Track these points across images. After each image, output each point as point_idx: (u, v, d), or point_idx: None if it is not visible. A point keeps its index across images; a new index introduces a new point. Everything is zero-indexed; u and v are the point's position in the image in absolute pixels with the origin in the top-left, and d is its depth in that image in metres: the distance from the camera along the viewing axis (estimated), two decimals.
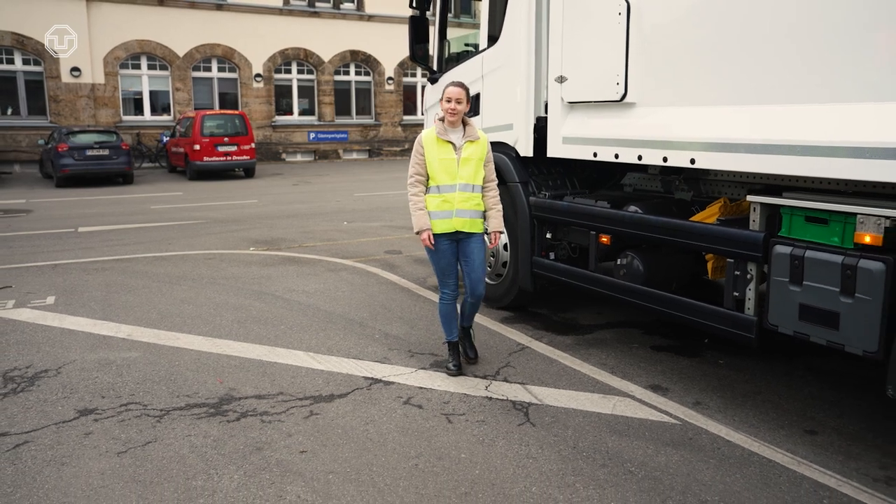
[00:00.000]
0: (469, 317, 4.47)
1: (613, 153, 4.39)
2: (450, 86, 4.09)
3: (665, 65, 4.02)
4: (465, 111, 4.11)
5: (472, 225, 4.17)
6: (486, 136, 4.25)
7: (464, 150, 4.08)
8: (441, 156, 4.07)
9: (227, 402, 3.88)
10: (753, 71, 3.50)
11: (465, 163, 4.08)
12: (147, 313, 5.65)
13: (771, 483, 2.99)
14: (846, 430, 3.53)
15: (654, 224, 4.19)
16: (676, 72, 3.96)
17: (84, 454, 3.28)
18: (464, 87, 4.11)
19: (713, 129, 3.73)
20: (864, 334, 3.08)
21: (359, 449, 3.32)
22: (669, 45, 3.98)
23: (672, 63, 3.97)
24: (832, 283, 3.18)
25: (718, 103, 3.73)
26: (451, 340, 4.40)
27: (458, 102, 4.04)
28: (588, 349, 4.77)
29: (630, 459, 3.21)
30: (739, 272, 3.70)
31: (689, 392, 4.02)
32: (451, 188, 4.07)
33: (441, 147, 4.08)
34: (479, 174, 4.17)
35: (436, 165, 4.07)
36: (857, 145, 3.03)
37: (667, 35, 3.99)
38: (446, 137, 4.07)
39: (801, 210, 3.41)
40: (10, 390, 4.06)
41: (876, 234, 3.06)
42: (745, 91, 3.57)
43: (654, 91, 4.11)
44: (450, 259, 4.23)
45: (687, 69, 3.89)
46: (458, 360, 4.36)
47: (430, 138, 4.11)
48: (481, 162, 4.16)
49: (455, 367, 4.31)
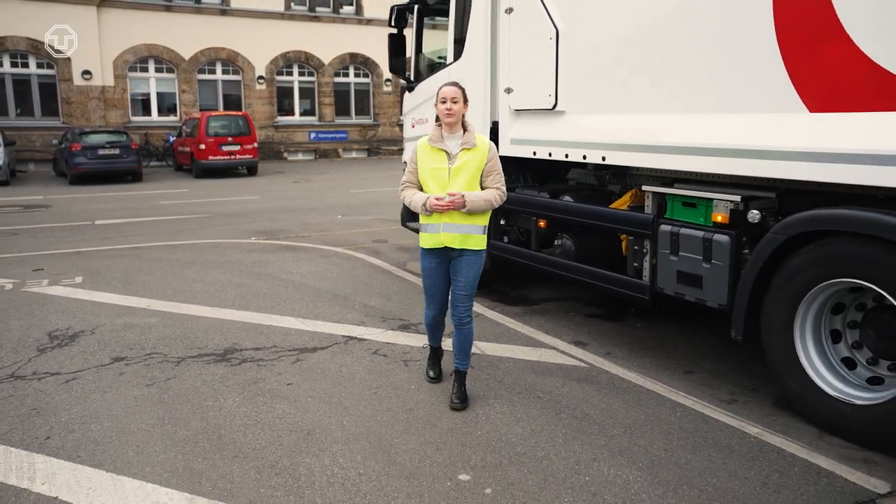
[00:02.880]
0: (460, 352, 3.94)
1: (548, 152, 5.33)
2: (444, 86, 3.75)
3: (584, 80, 4.96)
4: (464, 112, 3.74)
5: (463, 241, 3.74)
6: (488, 143, 3.80)
7: (458, 159, 3.68)
8: (432, 165, 3.72)
9: (231, 352, 4.84)
10: (648, 88, 4.44)
11: (458, 172, 3.67)
12: (162, 290, 6.61)
13: (642, 404, 3.93)
14: (717, 371, 4.46)
15: (578, 210, 5.15)
16: (593, 86, 4.90)
17: (120, 386, 4.24)
18: (459, 85, 3.75)
19: (618, 134, 4.67)
20: (718, 291, 4.03)
21: (332, 382, 4.27)
22: (587, 65, 4.92)
23: (589, 79, 4.91)
24: (697, 253, 4.12)
25: (622, 112, 4.67)
26: (432, 345, 4.23)
27: (454, 102, 3.67)
28: (532, 316, 5.72)
29: (541, 389, 4.15)
30: (637, 247, 4.65)
31: (603, 346, 4.96)
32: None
33: (433, 156, 3.73)
34: (474, 185, 3.71)
35: (426, 175, 3.74)
36: (714, 146, 3.97)
37: (586, 56, 4.92)
38: (440, 145, 3.71)
39: (679, 197, 4.35)
40: (56, 345, 5.03)
41: (725, 214, 4.00)
42: (643, 103, 4.51)
43: (577, 101, 5.05)
44: (436, 279, 3.90)
45: (600, 84, 4.83)
46: (438, 368, 4.23)
47: (423, 146, 3.78)
48: (478, 172, 3.72)
49: (435, 376, 4.17)
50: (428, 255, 3.86)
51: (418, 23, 7.41)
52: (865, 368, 3.59)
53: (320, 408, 3.90)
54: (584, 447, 3.41)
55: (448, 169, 3.68)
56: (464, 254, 3.79)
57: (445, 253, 3.81)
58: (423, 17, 7.34)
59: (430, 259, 3.86)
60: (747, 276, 3.81)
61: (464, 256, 3.79)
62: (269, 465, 3.25)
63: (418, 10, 7.22)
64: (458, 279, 3.83)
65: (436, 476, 3.14)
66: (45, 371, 4.49)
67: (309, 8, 26.06)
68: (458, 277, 3.83)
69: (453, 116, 3.68)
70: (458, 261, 3.82)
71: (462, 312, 3.86)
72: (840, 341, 3.68)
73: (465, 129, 3.75)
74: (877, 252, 3.22)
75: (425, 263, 3.90)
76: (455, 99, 3.67)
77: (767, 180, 3.79)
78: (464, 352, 3.94)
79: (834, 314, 3.69)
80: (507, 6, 5.60)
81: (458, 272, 3.82)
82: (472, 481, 3.08)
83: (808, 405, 3.63)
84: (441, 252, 3.82)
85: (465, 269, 3.80)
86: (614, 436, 3.53)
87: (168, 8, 23.44)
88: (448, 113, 3.67)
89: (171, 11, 23.50)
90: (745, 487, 3.03)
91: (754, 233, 3.88)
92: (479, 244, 3.79)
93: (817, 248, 3.49)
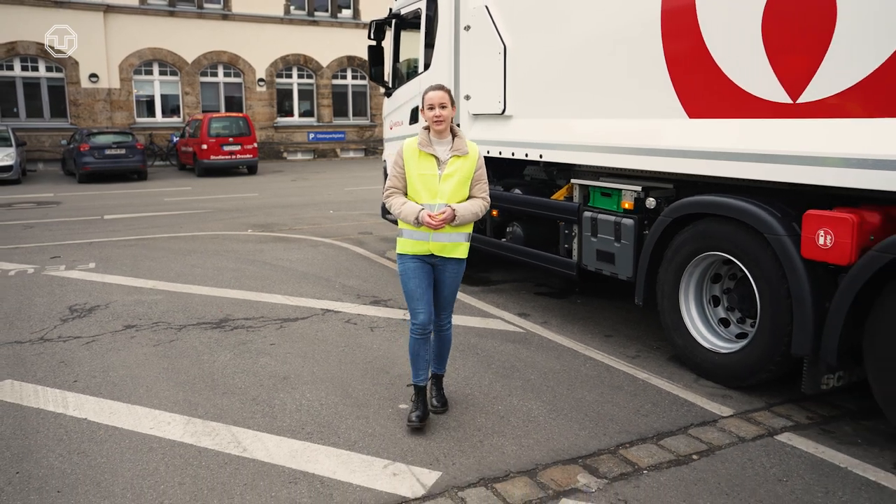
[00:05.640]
0: (438, 358, 3.91)
1: (499, 150, 6.17)
2: (430, 90, 3.59)
3: (526, 89, 5.80)
4: (452, 115, 3.59)
5: (451, 249, 3.64)
6: (477, 149, 3.69)
7: (448, 166, 3.55)
8: (422, 171, 3.56)
9: (225, 321, 5.69)
10: (574, 97, 5.28)
11: (447, 179, 3.55)
12: (166, 273, 7.47)
13: (561, 358, 4.77)
14: (632, 335, 5.30)
15: (523, 201, 6.01)
16: (533, 94, 5.74)
17: (132, 346, 5.10)
18: (445, 89, 3.59)
19: (552, 135, 5.51)
20: (626, 266, 4.87)
21: (308, 343, 5.12)
22: (529, 76, 5.76)
23: (530, 88, 5.76)
24: (610, 234, 4.97)
25: (556, 117, 5.51)
26: (416, 384, 3.77)
27: (443, 107, 3.51)
28: (488, 294, 6.56)
29: (481, 348, 4.99)
30: (567, 231, 5.50)
31: (543, 317, 5.80)
32: (430, 208, 3.54)
33: (423, 161, 3.57)
34: (463, 193, 3.60)
35: (415, 180, 3.57)
36: (623, 146, 4.81)
37: (527, 69, 5.76)
38: (430, 150, 3.55)
39: (598, 188, 5.20)
40: (76, 315, 5.89)
41: (630, 202, 4.85)
42: (571, 110, 5.34)
43: (521, 107, 5.90)
44: (418, 282, 3.64)
45: (538, 93, 5.67)
46: (422, 409, 3.71)
47: (411, 149, 3.60)
48: (467, 180, 3.60)
49: (417, 420, 3.65)
50: (409, 259, 3.67)
51: (395, 36, 8.25)
52: (736, 326, 4.43)
53: (296, 361, 4.75)
54: (504, 387, 4.26)
55: (438, 175, 3.55)
56: (448, 262, 3.67)
57: (429, 257, 3.66)
58: (399, 31, 8.18)
59: (413, 262, 3.66)
60: (645, 251, 4.66)
61: (448, 265, 3.68)
62: (251, 399, 4.10)
63: (395, 24, 8.07)
64: (441, 288, 3.73)
65: (381, 405, 3.99)
66: (69, 335, 5.36)
67: (308, 12, 26.96)
68: (441, 287, 3.73)
69: (443, 123, 3.53)
70: (443, 270, 3.69)
71: (444, 319, 3.82)
72: (718, 305, 4.52)
73: (455, 135, 3.60)
74: (732, 230, 4.05)
75: (408, 267, 3.67)
76: (443, 104, 3.52)
77: (664, 173, 4.63)
78: (442, 358, 3.93)
79: (714, 283, 4.52)
80: (466, 24, 6.45)
81: (443, 281, 3.72)
82: (407, 409, 3.92)
83: (688, 356, 4.47)
84: (425, 256, 3.66)
85: (449, 279, 3.71)
86: (530, 380, 4.38)
87: (172, 13, 24.35)
88: (438, 120, 3.52)
89: (174, 17, 24.41)
90: (621, 413, 3.87)
91: (652, 217, 4.72)
92: (464, 253, 3.71)
93: (693, 228, 4.33)
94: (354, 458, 3.38)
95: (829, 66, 3.55)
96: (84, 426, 3.75)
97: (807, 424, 3.72)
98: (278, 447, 3.48)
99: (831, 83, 3.55)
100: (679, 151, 4.35)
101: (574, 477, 3.18)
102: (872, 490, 3.05)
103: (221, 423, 3.77)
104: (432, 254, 3.64)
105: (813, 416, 3.81)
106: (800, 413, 3.85)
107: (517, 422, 3.78)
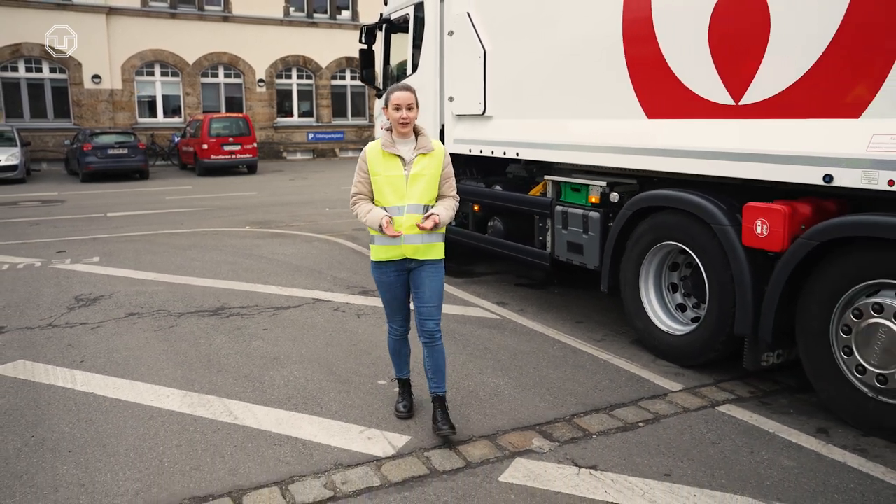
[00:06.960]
0: (436, 375, 3.65)
1: (479, 149, 6.54)
2: (396, 90, 3.47)
3: (505, 91, 6.17)
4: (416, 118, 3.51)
5: (425, 251, 3.54)
6: (442, 147, 3.62)
7: (414, 165, 3.47)
8: (387, 172, 3.47)
9: (221, 309, 6.07)
10: (547, 99, 5.65)
11: (416, 179, 3.46)
12: (167, 266, 7.85)
13: (532, 342, 5.14)
14: (602, 321, 5.67)
15: (502, 196, 6.38)
16: (511, 96, 6.11)
17: (135, 331, 5.48)
18: (411, 89, 3.49)
19: (528, 135, 5.88)
20: (593, 256, 5.24)
21: (298, 328, 5.49)
22: (507, 79, 6.13)
23: (508, 90, 6.12)
24: (579, 227, 5.34)
25: (531, 117, 5.88)
26: (399, 378, 3.92)
27: (409, 109, 3.43)
28: (470, 285, 6.93)
29: (459, 333, 5.36)
30: (541, 224, 5.87)
31: (520, 305, 6.17)
32: (399, 210, 3.46)
33: (388, 161, 3.48)
34: (432, 192, 3.54)
35: (381, 183, 3.47)
36: (590, 145, 5.17)
37: (506, 72, 6.13)
38: (393, 150, 3.46)
39: (569, 183, 5.56)
40: (82, 304, 6.27)
41: (596, 196, 5.22)
42: (545, 111, 5.71)
43: (500, 108, 6.26)
44: (396, 292, 3.64)
45: (516, 95, 6.04)
46: (408, 400, 3.86)
47: (375, 151, 3.51)
48: (435, 179, 3.53)
49: (405, 409, 3.80)
50: (383, 268, 3.59)
51: (386, 39, 8.63)
52: (692, 310, 4.79)
53: (286, 343, 5.12)
54: (475, 366, 4.63)
55: (405, 176, 3.46)
56: (423, 264, 3.57)
57: (403, 264, 3.57)
58: (390, 35, 8.55)
59: (387, 272, 3.59)
60: (609, 242, 5.03)
61: (424, 267, 3.57)
62: (244, 376, 4.47)
63: (385, 28, 8.43)
64: (422, 292, 3.57)
65: (362, 381, 4.37)
66: (76, 322, 5.73)
67: (307, 14, 27.37)
68: (421, 290, 3.58)
69: (408, 126, 3.46)
70: (419, 272, 3.57)
71: (432, 328, 3.60)
72: (677, 291, 4.88)
73: (418, 133, 3.52)
74: (684, 221, 4.42)
75: (382, 277, 3.61)
76: (410, 105, 3.43)
77: (628, 170, 4.99)
78: (440, 373, 3.65)
79: (672, 271, 4.89)
80: (450, 29, 6.82)
81: (421, 284, 3.57)
82: (386, 385, 4.29)
83: (648, 338, 4.83)
84: (399, 263, 3.56)
85: (428, 280, 3.57)
86: (501, 360, 4.75)
87: (173, 15, 24.76)
88: (404, 121, 3.43)
89: (175, 18, 24.82)
90: (580, 388, 4.24)
91: (617, 210, 5.08)
92: (440, 254, 3.61)
93: (651, 220, 4.70)
94: (334, 424, 3.75)
95: (764, 72, 3.91)
96: (91, 399, 4.12)
97: (747, 398, 4.08)
98: (266, 416, 3.86)
99: (766, 88, 3.91)
100: (639, 149, 4.72)
101: (529, 440, 3.55)
102: (793, 450, 3.41)
103: (215, 396, 4.15)
104: (406, 257, 3.54)
105: (754, 391, 4.18)
106: (743, 388, 4.22)
107: (484, 395, 4.15)
